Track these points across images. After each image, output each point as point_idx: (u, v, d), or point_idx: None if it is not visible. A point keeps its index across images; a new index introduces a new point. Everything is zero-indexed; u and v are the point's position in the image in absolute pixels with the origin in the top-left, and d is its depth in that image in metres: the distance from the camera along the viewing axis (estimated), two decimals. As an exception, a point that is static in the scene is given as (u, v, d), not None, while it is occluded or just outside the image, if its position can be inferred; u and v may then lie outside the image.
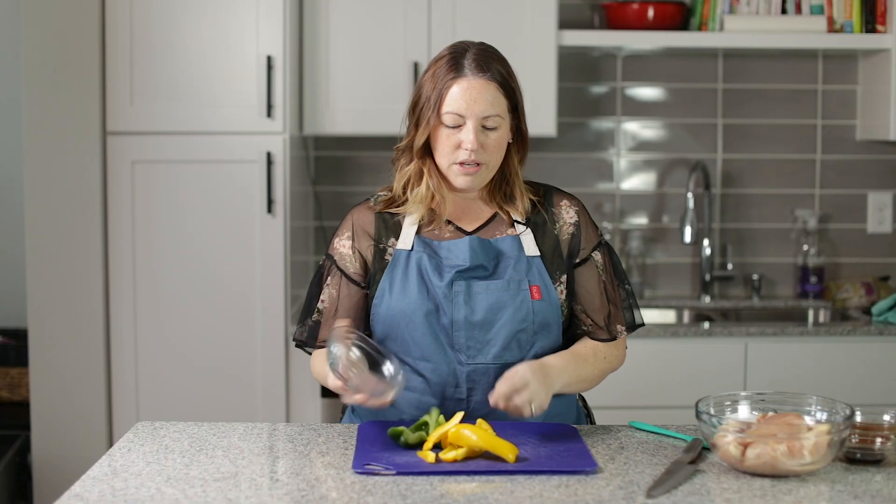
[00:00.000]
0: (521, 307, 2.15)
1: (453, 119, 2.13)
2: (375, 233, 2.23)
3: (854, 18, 3.81)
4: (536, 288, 2.17)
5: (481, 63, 2.14)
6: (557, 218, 2.25)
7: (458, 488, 1.79)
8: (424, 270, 2.16)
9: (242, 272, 3.53)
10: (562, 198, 2.28)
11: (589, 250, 2.24)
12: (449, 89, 2.13)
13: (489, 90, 2.13)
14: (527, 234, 2.22)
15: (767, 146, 4.12)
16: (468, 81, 2.13)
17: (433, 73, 2.17)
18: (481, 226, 2.23)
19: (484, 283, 2.15)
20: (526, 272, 2.18)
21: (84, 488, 1.79)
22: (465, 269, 2.16)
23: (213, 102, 3.50)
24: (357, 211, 2.28)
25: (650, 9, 3.81)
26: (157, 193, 3.52)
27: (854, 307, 3.94)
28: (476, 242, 2.18)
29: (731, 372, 3.53)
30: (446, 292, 2.15)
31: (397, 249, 2.20)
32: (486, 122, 2.13)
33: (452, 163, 2.15)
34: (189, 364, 3.54)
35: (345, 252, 2.24)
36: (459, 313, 2.14)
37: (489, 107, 2.13)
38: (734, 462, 1.85)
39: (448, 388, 2.15)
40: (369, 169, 4.09)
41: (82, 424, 3.55)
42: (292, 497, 1.75)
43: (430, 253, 2.19)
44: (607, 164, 4.12)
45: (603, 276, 2.24)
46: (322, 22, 3.71)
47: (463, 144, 2.13)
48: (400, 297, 2.16)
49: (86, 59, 3.48)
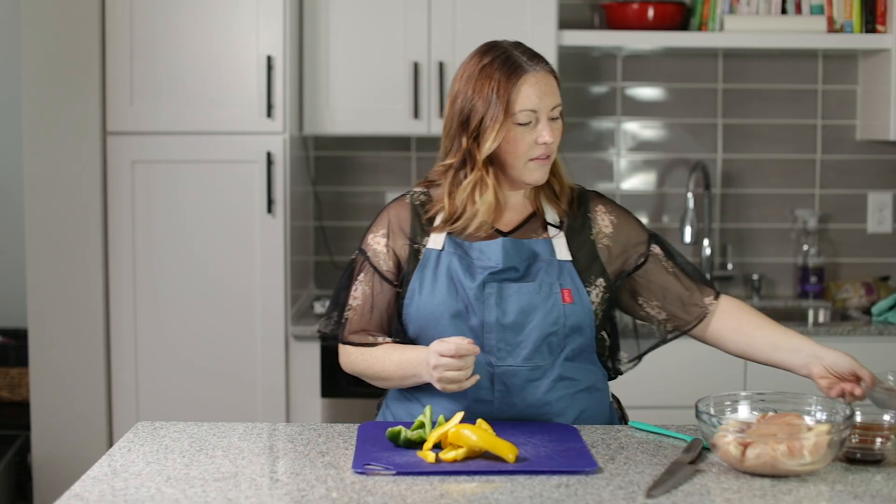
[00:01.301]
0: (553, 310, 2.14)
1: (527, 116, 2.11)
2: (411, 231, 2.22)
3: (854, 18, 3.81)
4: (568, 291, 2.16)
5: (535, 56, 2.15)
6: (593, 223, 2.24)
7: (458, 488, 1.79)
8: (454, 271, 2.15)
9: (242, 272, 3.53)
10: (598, 202, 2.27)
11: (645, 249, 2.25)
12: (517, 88, 2.11)
13: (551, 81, 2.14)
14: (559, 238, 2.20)
15: (767, 146, 4.12)
16: (534, 76, 2.12)
17: (485, 77, 2.12)
18: (516, 227, 2.22)
19: (516, 286, 2.14)
20: (558, 275, 2.16)
21: (84, 488, 1.79)
22: (497, 271, 2.14)
23: (213, 102, 3.50)
24: (394, 208, 2.26)
25: (650, 9, 3.81)
26: (157, 193, 3.52)
27: (854, 307, 3.94)
28: (509, 244, 2.17)
29: (731, 372, 3.52)
30: (478, 294, 2.13)
31: (427, 249, 2.19)
32: (553, 113, 2.14)
33: (528, 160, 2.14)
34: (189, 364, 3.54)
35: (379, 249, 2.23)
36: (491, 315, 2.13)
37: (556, 97, 2.14)
38: (734, 462, 1.85)
39: (476, 388, 2.13)
40: (369, 169, 4.09)
41: (82, 424, 3.55)
42: (292, 497, 1.75)
43: (461, 254, 2.17)
44: (607, 164, 4.12)
45: (669, 262, 2.26)
46: (322, 22, 3.71)
47: (540, 139, 2.12)
48: (429, 298, 2.15)
49: (86, 59, 3.48)
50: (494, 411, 2.15)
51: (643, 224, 2.30)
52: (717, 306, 2.24)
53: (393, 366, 2.17)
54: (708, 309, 2.24)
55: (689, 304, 2.25)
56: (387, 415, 2.30)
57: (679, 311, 2.25)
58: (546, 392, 2.16)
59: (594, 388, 2.24)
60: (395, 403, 2.27)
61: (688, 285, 2.25)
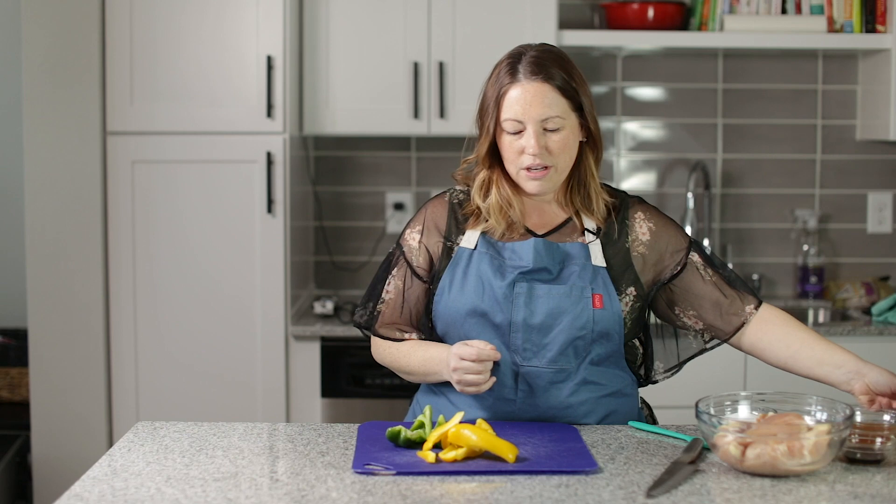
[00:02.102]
0: (582, 314, 2.13)
1: (513, 125, 2.12)
2: (446, 228, 2.23)
3: (854, 18, 3.81)
4: (599, 297, 2.14)
5: (536, 66, 2.12)
6: (630, 230, 2.22)
7: (458, 488, 1.79)
8: (484, 271, 2.15)
9: (242, 272, 3.53)
10: (637, 209, 2.25)
11: (684, 257, 2.21)
12: (505, 95, 2.12)
13: (545, 92, 2.11)
14: (595, 244, 2.19)
15: (767, 146, 4.12)
16: (522, 86, 2.11)
17: (493, 80, 2.16)
18: (552, 230, 2.21)
19: (546, 287, 2.14)
20: (591, 280, 2.15)
21: (84, 488, 1.79)
22: (528, 271, 2.14)
23: (213, 102, 3.50)
24: (432, 205, 2.27)
25: (650, 9, 3.81)
26: (157, 193, 3.52)
27: (854, 307, 3.94)
28: (541, 245, 2.16)
29: (731, 372, 3.52)
30: (507, 292, 2.13)
31: (460, 247, 2.20)
32: (547, 125, 2.12)
33: (520, 168, 2.14)
34: (189, 364, 3.54)
35: (413, 245, 2.24)
36: (519, 315, 2.13)
37: (547, 109, 2.11)
38: (734, 462, 1.84)
39: (500, 387, 2.14)
40: (369, 169, 4.09)
41: (82, 424, 3.55)
42: (292, 497, 1.75)
43: (493, 254, 2.17)
44: (607, 164, 4.12)
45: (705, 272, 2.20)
46: (322, 22, 3.71)
47: (525, 150, 2.12)
48: (457, 296, 2.16)
49: (86, 59, 3.48)
50: (517, 411, 2.16)
51: (684, 231, 2.26)
52: (755, 316, 2.19)
53: (417, 362, 2.19)
54: (747, 318, 2.19)
55: (728, 313, 2.20)
56: (416, 409, 2.32)
57: (716, 320, 2.21)
58: (569, 395, 2.16)
59: (620, 393, 2.22)
60: (424, 398, 2.29)
61: (728, 293, 2.21)
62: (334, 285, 4.08)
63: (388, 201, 4.05)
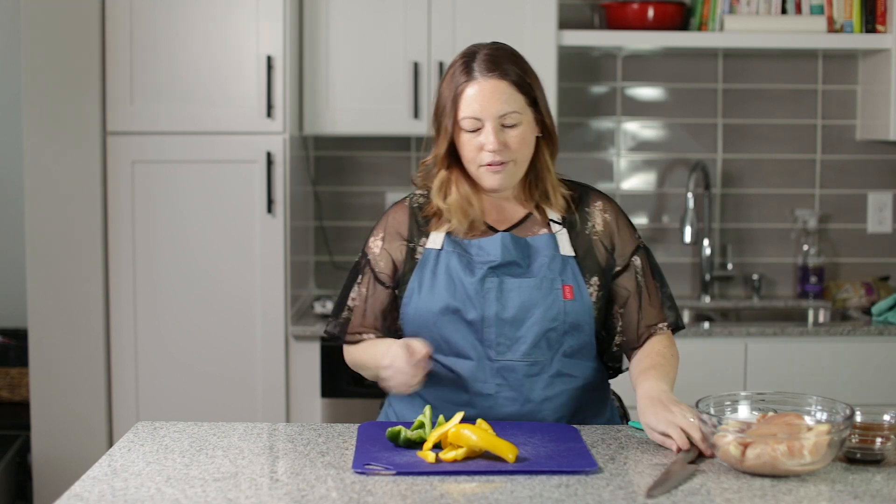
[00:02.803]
0: (553, 306, 2.15)
1: (472, 123, 2.13)
2: (408, 233, 2.24)
3: (854, 18, 3.81)
4: (569, 288, 2.16)
5: (491, 63, 2.14)
6: (590, 218, 2.24)
7: (458, 488, 1.79)
8: (453, 269, 2.17)
9: (242, 272, 3.53)
10: (597, 199, 2.27)
11: (628, 257, 2.23)
12: (462, 94, 2.14)
13: (501, 88, 2.13)
14: (562, 234, 2.21)
15: (767, 146, 4.12)
16: (479, 84, 2.13)
17: (448, 80, 2.18)
18: (514, 225, 2.23)
19: (517, 281, 2.15)
20: (560, 271, 2.17)
21: (84, 488, 1.79)
22: (497, 266, 2.16)
23: (214, 102, 3.50)
24: (393, 211, 2.29)
25: (650, 9, 3.81)
26: (157, 193, 3.52)
27: (854, 307, 3.94)
28: (508, 239, 2.18)
29: (731, 372, 3.52)
30: (478, 288, 2.15)
31: (427, 249, 2.21)
32: (504, 121, 2.13)
33: (479, 165, 2.15)
34: (189, 364, 3.54)
35: (376, 252, 2.26)
36: (490, 309, 2.14)
37: (504, 105, 2.13)
38: (734, 462, 1.84)
39: (477, 383, 2.16)
40: (369, 169, 4.09)
41: (82, 424, 3.55)
42: (292, 497, 1.75)
43: (461, 251, 2.19)
44: (607, 164, 4.12)
45: (642, 278, 2.23)
46: (322, 22, 3.71)
47: (485, 146, 2.13)
48: (428, 296, 2.17)
49: (86, 59, 3.48)
50: (495, 406, 2.17)
51: (636, 233, 2.28)
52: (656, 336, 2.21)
53: (370, 360, 2.21)
54: (651, 333, 2.21)
55: (642, 324, 2.22)
56: (389, 412, 2.32)
57: (629, 326, 2.23)
58: (545, 387, 2.17)
59: (593, 385, 2.24)
60: (395, 400, 2.29)
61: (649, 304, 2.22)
62: (334, 285, 4.08)
63: (388, 201, 4.04)
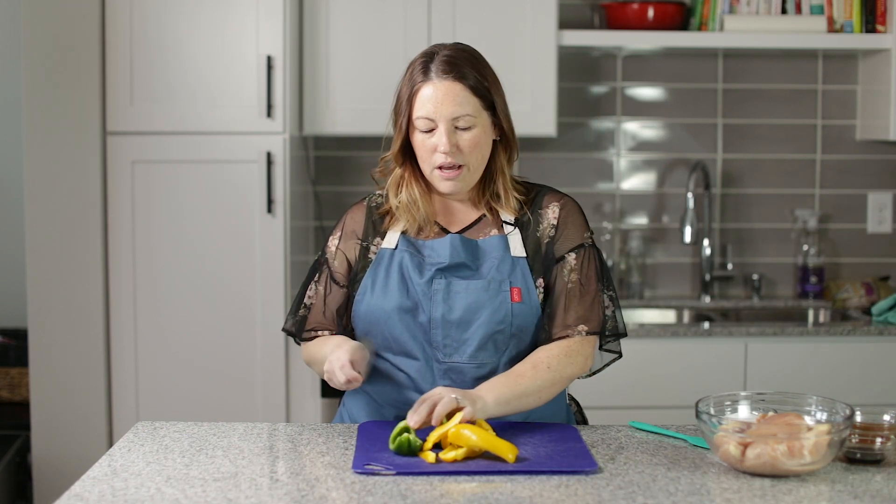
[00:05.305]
0: (500, 308, 2.14)
1: (425, 123, 2.15)
2: (363, 232, 2.26)
3: (854, 18, 3.81)
4: (517, 290, 2.15)
5: (448, 66, 2.14)
6: (542, 219, 2.22)
7: (458, 488, 1.79)
8: (405, 269, 2.18)
9: (242, 272, 3.53)
10: (552, 199, 2.25)
11: (564, 252, 2.20)
12: (417, 94, 2.15)
13: (456, 91, 2.13)
14: (514, 235, 2.20)
15: (767, 146, 4.12)
16: (434, 85, 2.14)
17: (407, 78, 2.19)
18: (467, 227, 2.23)
19: (465, 283, 2.15)
20: (509, 273, 2.16)
21: (84, 488, 1.79)
22: (445, 268, 2.16)
23: (213, 102, 3.50)
24: (351, 211, 2.31)
25: (650, 9, 3.81)
26: (157, 193, 3.52)
27: (854, 307, 3.94)
28: (458, 241, 2.19)
29: (731, 372, 3.52)
30: (425, 289, 2.15)
31: (381, 248, 2.22)
32: (458, 123, 2.14)
33: (433, 167, 2.16)
34: (189, 364, 3.54)
35: (333, 251, 2.28)
36: (437, 311, 2.14)
37: (458, 107, 2.13)
38: (734, 462, 1.85)
39: (425, 384, 2.16)
40: (369, 169, 4.03)
41: (82, 424, 3.55)
42: (292, 497, 1.75)
43: (413, 252, 2.20)
44: (607, 164, 4.13)
45: (569, 276, 2.18)
46: (322, 22, 3.71)
47: (437, 148, 2.14)
48: (380, 295, 2.17)
49: (86, 59, 3.48)
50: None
51: (586, 232, 2.23)
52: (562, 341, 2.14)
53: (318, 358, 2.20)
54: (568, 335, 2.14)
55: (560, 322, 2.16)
56: (343, 412, 2.32)
57: (549, 322, 2.17)
58: None
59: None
60: (349, 399, 2.31)
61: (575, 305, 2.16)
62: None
63: (388, 201, 4.04)
